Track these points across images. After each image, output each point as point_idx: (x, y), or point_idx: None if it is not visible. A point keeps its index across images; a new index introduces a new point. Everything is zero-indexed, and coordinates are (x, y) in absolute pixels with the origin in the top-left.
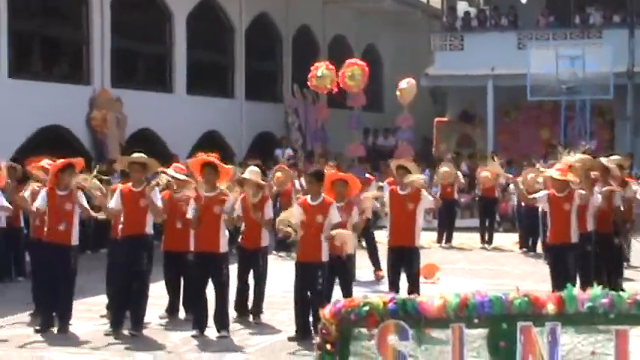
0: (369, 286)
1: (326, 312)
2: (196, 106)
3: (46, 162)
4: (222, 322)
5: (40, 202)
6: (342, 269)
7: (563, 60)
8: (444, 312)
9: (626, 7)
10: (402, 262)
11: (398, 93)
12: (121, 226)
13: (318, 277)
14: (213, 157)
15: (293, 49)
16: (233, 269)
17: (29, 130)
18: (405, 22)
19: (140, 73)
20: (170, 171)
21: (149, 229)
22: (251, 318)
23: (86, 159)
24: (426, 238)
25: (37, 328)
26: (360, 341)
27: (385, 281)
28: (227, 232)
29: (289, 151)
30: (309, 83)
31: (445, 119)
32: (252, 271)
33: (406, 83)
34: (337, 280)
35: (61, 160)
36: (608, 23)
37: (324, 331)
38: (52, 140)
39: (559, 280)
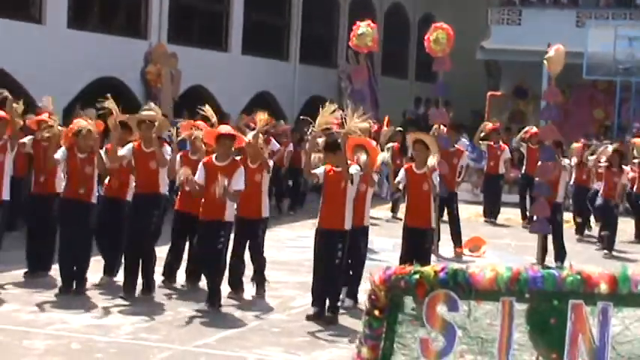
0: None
1: (376, 278)
2: (250, 67)
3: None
4: (212, 299)
5: (59, 155)
6: (352, 244)
7: (622, 40)
8: (496, 284)
9: None
10: (417, 244)
11: (545, 62)
12: (134, 185)
13: (338, 249)
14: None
15: (350, 14)
16: None
17: (85, 80)
18: None
19: (197, 30)
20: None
21: (163, 189)
22: (254, 291)
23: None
24: (471, 211)
25: (59, 289)
26: (409, 308)
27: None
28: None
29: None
30: (350, 43)
31: (498, 93)
32: (248, 244)
33: (554, 51)
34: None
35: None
36: None
37: (372, 297)
38: (106, 92)
39: None
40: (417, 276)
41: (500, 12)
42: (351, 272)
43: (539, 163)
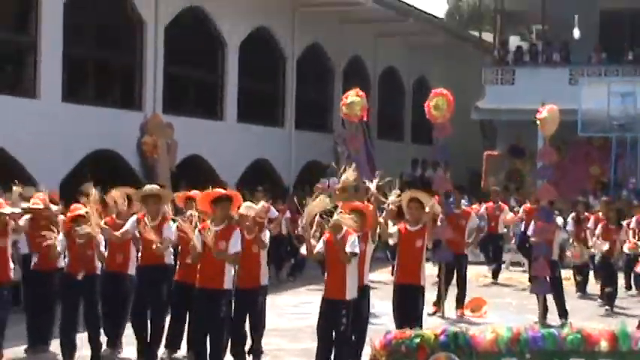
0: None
1: (377, 343)
2: (246, 134)
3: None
4: None
5: (60, 248)
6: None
7: (615, 96)
8: (496, 346)
9: None
10: (408, 302)
11: (538, 122)
12: (139, 255)
13: (342, 316)
14: (219, 190)
15: (344, 79)
16: None
17: (81, 154)
18: (456, 56)
19: (191, 99)
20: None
21: (168, 259)
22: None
23: (136, 184)
24: (472, 272)
25: None
26: None
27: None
28: (232, 270)
29: (334, 180)
30: (340, 112)
31: (495, 153)
32: (248, 314)
33: (547, 112)
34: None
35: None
36: None
37: None
38: (103, 165)
39: None
40: (417, 340)
41: (493, 72)
42: (353, 337)
43: (533, 223)
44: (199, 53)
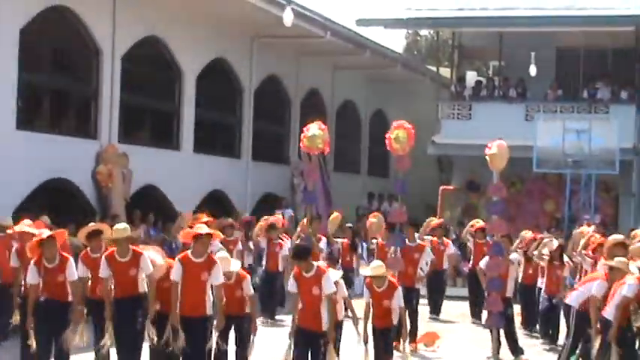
0: None
1: None
2: (202, 165)
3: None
4: None
5: (30, 278)
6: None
7: (570, 133)
8: None
9: (634, 83)
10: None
11: (487, 158)
12: (113, 288)
13: (320, 346)
14: (203, 227)
15: (301, 111)
16: None
17: (35, 182)
18: (413, 90)
19: (148, 129)
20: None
21: (143, 288)
22: None
23: (90, 213)
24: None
25: None
26: None
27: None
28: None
29: (290, 212)
30: (300, 144)
31: (451, 187)
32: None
33: (496, 147)
34: None
35: (41, 233)
36: (616, 99)
37: None
38: (56, 194)
39: None
40: None
41: (450, 107)
42: None
43: (487, 257)
44: (156, 83)
